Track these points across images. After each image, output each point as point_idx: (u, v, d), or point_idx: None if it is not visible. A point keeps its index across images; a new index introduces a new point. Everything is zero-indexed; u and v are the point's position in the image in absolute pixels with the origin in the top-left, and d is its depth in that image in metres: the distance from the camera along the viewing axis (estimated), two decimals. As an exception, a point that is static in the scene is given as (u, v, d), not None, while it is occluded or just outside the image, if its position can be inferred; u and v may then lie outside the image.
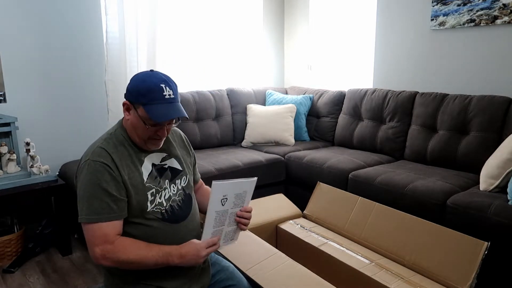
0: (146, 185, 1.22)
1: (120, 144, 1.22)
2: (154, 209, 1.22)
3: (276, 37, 4.00)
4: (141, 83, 1.18)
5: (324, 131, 3.32)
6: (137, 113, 1.18)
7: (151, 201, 1.22)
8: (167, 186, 1.28)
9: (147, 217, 1.21)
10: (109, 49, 2.79)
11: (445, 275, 1.53)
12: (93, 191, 1.13)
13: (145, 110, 1.16)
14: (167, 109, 1.18)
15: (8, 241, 2.37)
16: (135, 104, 1.19)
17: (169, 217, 1.25)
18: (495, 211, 1.79)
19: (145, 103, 1.16)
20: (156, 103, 1.17)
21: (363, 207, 1.96)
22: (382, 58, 3.17)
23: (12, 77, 2.54)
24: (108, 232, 1.13)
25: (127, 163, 1.20)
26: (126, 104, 1.21)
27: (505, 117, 2.33)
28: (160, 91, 1.17)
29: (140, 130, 1.20)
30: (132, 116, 1.20)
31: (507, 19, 2.42)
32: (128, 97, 1.21)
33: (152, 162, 1.27)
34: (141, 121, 1.18)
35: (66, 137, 2.79)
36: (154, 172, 1.25)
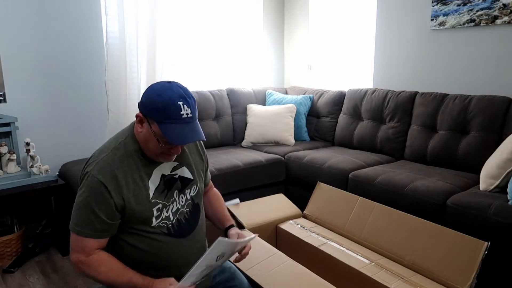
0: (152, 201, 1.18)
1: (129, 156, 1.16)
2: (160, 224, 1.19)
3: (276, 37, 4.00)
4: (157, 98, 1.08)
5: (324, 131, 3.32)
6: (150, 128, 1.11)
7: (157, 216, 1.19)
8: (176, 198, 1.24)
9: (152, 231, 1.19)
10: (109, 49, 2.79)
11: (445, 275, 1.53)
12: (83, 206, 1.12)
13: (160, 128, 1.08)
14: (184, 131, 1.09)
15: (8, 241, 2.37)
16: (149, 118, 1.11)
17: (175, 231, 1.23)
18: (495, 211, 1.79)
19: (160, 121, 1.08)
20: (173, 122, 1.08)
21: (363, 207, 1.96)
22: (382, 58, 3.17)
23: (12, 77, 2.54)
24: (86, 245, 1.13)
25: (133, 178, 1.16)
26: (139, 116, 1.13)
27: (505, 117, 2.33)
28: (177, 109, 1.08)
29: (152, 145, 1.13)
30: (145, 130, 1.13)
31: (507, 19, 2.42)
32: (142, 109, 1.12)
33: (161, 173, 1.22)
34: (154, 138, 1.11)
35: (66, 137, 2.78)
36: (161, 186, 1.21)
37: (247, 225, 1.92)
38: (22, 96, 2.59)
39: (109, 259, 1.16)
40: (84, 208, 1.12)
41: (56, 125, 2.74)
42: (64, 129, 2.77)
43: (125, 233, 1.19)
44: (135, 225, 1.17)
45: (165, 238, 1.20)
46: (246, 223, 1.93)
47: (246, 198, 2.18)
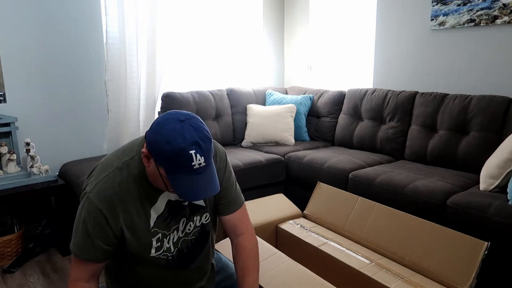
0: (151, 231, 1.08)
1: (132, 180, 1.03)
2: (160, 256, 1.12)
3: (276, 37, 4.00)
4: (166, 146, 0.90)
5: (324, 131, 3.32)
6: (158, 171, 0.95)
7: (156, 248, 1.10)
8: (179, 225, 1.13)
9: (148, 261, 1.12)
10: (109, 49, 2.79)
11: (445, 275, 1.53)
12: (78, 227, 1.05)
13: (168, 177, 0.93)
14: (196, 185, 0.94)
15: (8, 241, 2.37)
16: (156, 160, 0.94)
17: (175, 263, 1.15)
18: (495, 211, 1.79)
19: (169, 170, 0.92)
20: (183, 174, 0.92)
21: (363, 207, 1.96)
22: (382, 58, 3.17)
23: (12, 77, 2.54)
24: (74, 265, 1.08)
25: (134, 205, 1.05)
26: (145, 153, 0.96)
27: (505, 117, 2.33)
28: (189, 160, 0.91)
29: (160, 185, 1.00)
30: (152, 169, 0.97)
31: (507, 19, 2.42)
32: (148, 148, 0.95)
33: (168, 199, 1.09)
34: (162, 181, 0.97)
35: (66, 137, 2.79)
36: (165, 213, 1.09)
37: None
38: (22, 96, 2.59)
39: None
40: (81, 232, 1.05)
41: (56, 125, 2.74)
42: (64, 129, 2.77)
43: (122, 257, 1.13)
44: (133, 253, 1.10)
45: (161, 271, 1.14)
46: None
47: (246, 198, 2.17)
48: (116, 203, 1.03)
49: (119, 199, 1.03)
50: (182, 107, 3.04)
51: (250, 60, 3.76)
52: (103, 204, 1.01)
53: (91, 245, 1.04)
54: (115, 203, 1.02)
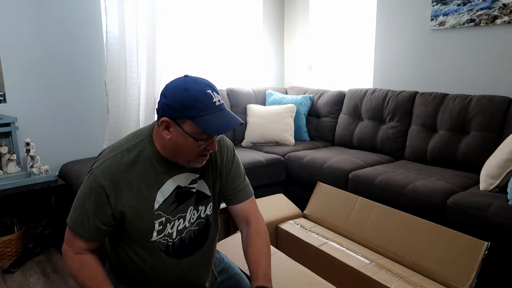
0: (155, 213, 1.07)
1: (141, 161, 1.05)
2: (160, 240, 1.10)
3: (276, 37, 4.00)
4: (184, 94, 0.96)
5: (324, 131, 3.32)
6: (182, 129, 0.99)
7: (158, 231, 1.09)
8: (186, 214, 1.12)
9: (148, 246, 1.10)
10: (109, 49, 2.79)
11: (445, 275, 1.53)
12: (80, 203, 1.06)
13: (195, 124, 0.97)
14: (221, 118, 0.98)
15: (8, 241, 2.37)
16: (179, 119, 0.98)
17: (174, 251, 1.13)
18: (495, 211, 1.79)
19: (193, 116, 0.96)
20: (207, 113, 0.97)
21: (363, 207, 1.96)
22: (382, 58, 3.17)
23: (12, 77, 2.54)
24: (76, 242, 1.09)
25: (139, 185, 1.05)
26: (165, 121, 0.99)
27: (505, 117, 2.33)
28: (209, 98, 0.98)
29: (188, 149, 1.01)
30: (175, 135, 1.00)
31: (507, 19, 2.42)
32: (168, 113, 0.99)
33: (176, 185, 1.09)
34: (189, 138, 0.99)
35: (66, 137, 2.79)
36: (171, 198, 1.09)
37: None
38: (22, 96, 2.59)
39: (94, 266, 1.09)
40: (79, 207, 1.06)
41: (56, 125, 2.74)
42: (64, 129, 2.77)
43: (122, 241, 1.12)
44: (131, 238, 1.10)
45: (159, 255, 1.11)
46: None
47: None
48: (120, 182, 1.03)
49: (124, 178, 1.03)
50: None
51: (250, 60, 3.76)
52: (107, 181, 1.02)
53: (86, 221, 1.05)
54: (119, 182, 1.03)
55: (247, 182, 1.27)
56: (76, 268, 1.09)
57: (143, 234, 1.08)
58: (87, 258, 1.10)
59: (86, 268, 1.09)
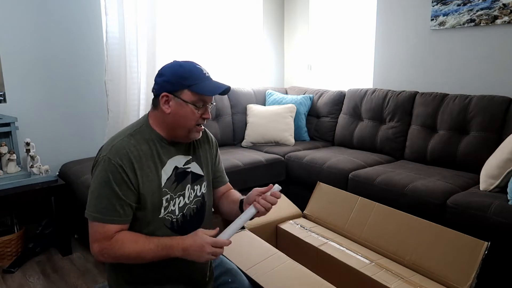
0: (162, 190, 1.17)
1: (144, 142, 1.16)
2: (165, 216, 1.18)
3: (276, 37, 4.00)
4: (180, 69, 1.16)
5: (324, 131, 3.31)
6: (181, 99, 1.14)
7: (165, 207, 1.18)
8: (185, 192, 1.23)
9: (158, 223, 1.17)
10: (109, 49, 2.79)
11: (445, 275, 1.53)
12: (103, 190, 1.10)
13: (192, 91, 1.14)
14: (213, 84, 1.17)
15: (8, 241, 2.37)
16: (177, 91, 1.14)
17: (178, 227, 1.21)
18: (495, 211, 1.79)
19: (190, 84, 1.14)
20: (201, 81, 1.15)
21: (363, 207, 1.96)
22: (382, 58, 3.17)
23: (12, 77, 2.54)
24: (109, 230, 1.10)
25: (148, 164, 1.15)
26: (165, 96, 1.15)
27: (505, 117, 2.33)
28: (200, 70, 1.18)
29: (187, 118, 1.16)
30: (174, 107, 1.15)
31: (507, 19, 2.42)
32: (167, 87, 1.15)
33: (175, 165, 1.21)
34: (188, 106, 1.15)
35: (66, 137, 2.78)
36: (173, 177, 1.20)
37: (247, 225, 1.93)
38: (22, 96, 2.59)
39: (130, 233, 1.13)
40: (104, 192, 1.10)
41: (56, 125, 2.74)
42: (64, 129, 2.77)
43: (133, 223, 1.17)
44: (146, 217, 1.16)
45: (166, 232, 1.18)
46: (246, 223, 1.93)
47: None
48: (132, 160, 1.12)
49: (134, 157, 1.13)
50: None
51: (250, 60, 3.76)
52: (123, 160, 1.11)
53: (118, 204, 1.10)
54: (131, 160, 1.12)
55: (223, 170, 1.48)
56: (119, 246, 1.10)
57: (154, 210, 1.16)
58: (121, 233, 1.12)
59: (127, 239, 1.11)
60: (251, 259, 1.57)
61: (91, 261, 2.37)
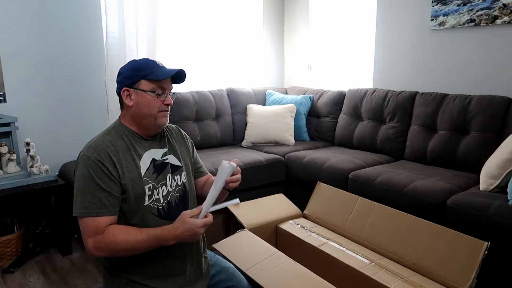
0: (143, 179, 1.22)
1: (119, 138, 1.23)
2: (151, 205, 1.23)
3: (276, 37, 4.00)
4: (134, 63, 1.25)
5: (324, 131, 3.32)
6: (140, 90, 1.22)
7: (149, 196, 1.22)
8: (166, 181, 1.28)
9: (144, 212, 1.21)
10: (109, 49, 2.79)
11: (445, 275, 1.53)
12: (86, 185, 1.14)
13: (148, 79, 1.22)
14: (167, 70, 1.25)
15: (8, 241, 2.37)
16: (135, 84, 1.22)
17: (165, 214, 1.25)
18: (495, 211, 1.79)
19: (145, 74, 1.22)
20: (155, 69, 1.23)
21: (363, 207, 1.96)
22: (382, 58, 3.17)
23: (12, 77, 2.54)
24: (99, 223, 1.13)
25: (125, 156, 1.21)
26: (125, 90, 1.23)
27: (505, 117, 2.33)
28: (154, 62, 1.27)
29: (149, 106, 1.22)
30: (136, 98, 1.23)
31: (507, 19, 2.42)
32: (126, 82, 1.23)
33: (152, 157, 1.27)
34: (148, 95, 1.22)
35: (66, 137, 2.79)
36: (151, 168, 1.26)
37: (247, 225, 1.93)
38: (22, 96, 2.59)
39: (121, 226, 1.17)
40: (88, 187, 1.14)
41: (56, 125, 2.74)
42: (64, 129, 2.77)
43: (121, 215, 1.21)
44: (130, 207, 1.20)
45: (154, 219, 1.22)
46: (246, 223, 1.93)
47: (246, 198, 2.18)
48: (110, 154, 1.18)
49: (111, 151, 1.19)
50: (182, 107, 3.03)
51: (250, 60, 3.76)
52: (101, 155, 1.17)
53: (102, 196, 1.14)
54: (109, 154, 1.18)
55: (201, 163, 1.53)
56: (112, 240, 1.12)
57: (138, 199, 1.20)
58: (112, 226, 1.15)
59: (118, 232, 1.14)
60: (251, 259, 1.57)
61: (91, 261, 2.37)
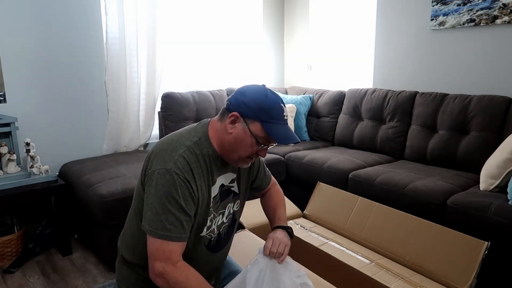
0: (209, 209, 1.14)
1: (202, 158, 1.11)
2: (206, 235, 1.15)
3: (276, 37, 4.00)
4: (265, 98, 1.08)
5: (324, 131, 3.31)
6: (248, 128, 1.08)
7: (207, 227, 1.15)
8: (225, 211, 1.21)
9: (197, 242, 1.14)
10: (109, 49, 2.79)
11: (445, 275, 1.53)
12: (170, 205, 1.03)
13: (263, 127, 1.07)
14: (287, 131, 1.10)
15: (8, 241, 2.37)
16: (249, 119, 1.08)
17: (214, 246, 1.20)
18: (495, 211, 1.79)
19: (265, 120, 1.07)
20: (277, 123, 1.09)
21: (363, 207, 1.96)
22: (382, 58, 3.17)
23: (12, 77, 2.54)
24: (174, 250, 1.03)
25: (203, 181, 1.11)
26: (234, 116, 1.09)
27: (505, 117, 2.33)
28: (282, 111, 1.10)
29: (244, 147, 1.10)
30: (238, 131, 1.09)
31: (507, 19, 2.42)
32: (242, 109, 1.08)
33: (221, 183, 1.18)
34: (251, 138, 1.08)
35: (66, 137, 2.78)
36: (218, 196, 1.17)
37: (247, 225, 1.92)
38: (22, 96, 2.59)
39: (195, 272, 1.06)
40: (169, 204, 1.02)
41: (56, 125, 2.74)
42: (64, 129, 2.77)
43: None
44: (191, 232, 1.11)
45: (202, 250, 1.16)
46: (246, 223, 1.93)
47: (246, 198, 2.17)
48: (195, 177, 1.07)
49: (197, 174, 1.08)
50: (182, 107, 3.03)
51: (250, 60, 3.76)
52: (189, 175, 1.05)
53: (183, 220, 1.04)
54: (194, 176, 1.07)
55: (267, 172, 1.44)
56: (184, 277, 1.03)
57: (198, 228, 1.12)
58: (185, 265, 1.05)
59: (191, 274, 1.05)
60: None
61: (91, 261, 2.36)
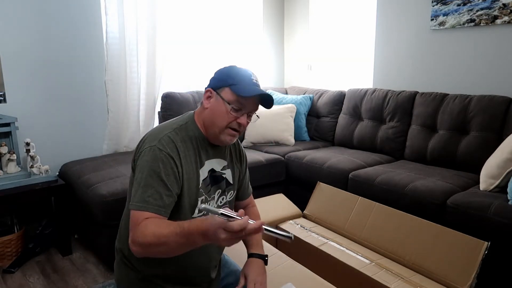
0: (199, 190, 1.16)
1: (189, 139, 1.16)
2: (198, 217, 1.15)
3: (276, 37, 4.00)
4: (231, 69, 1.19)
5: (324, 131, 3.31)
6: (220, 97, 1.15)
7: (200, 209, 1.16)
8: (215, 196, 1.23)
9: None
10: (109, 49, 2.79)
11: (445, 275, 1.53)
12: (151, 178, 1.06)
13: (231, 89, 1.13)
14: (254, 88, 1.15)
15: (8, 241, 2.37)
16: (219, 88, 1.16)
17: None
18: (495, 211, 1.79)
19: (232, 83, 1.14)
20: (244, 84, 1.14)
21: (363, 207, 1.96)
22: (382, 58, 3.17)
23: (12, 77, 2.54)
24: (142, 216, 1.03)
25: (190, 161, 1.14)
26: (208, 91, 1.18)
27: (505, 117, 2.33)
28: (249, 75, 1.17)
29: (221, 115, 1.14)
30: (213, 103, 1.16)
31: (507, 19, 2.42)
32: (213, 83, 1.19)
33: (211, 168, 1.21)
34: (223, 105, 1.14)
35: (66, 137, 2.78)
36: (208, 179, 1.19)
37: (247, 225, 1.92)
38: (22, 96, 2.59)
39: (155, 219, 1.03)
40: (152, 181, 1.05)
41: (56, 125, 2.74)
42: (64, 129, 2.77)
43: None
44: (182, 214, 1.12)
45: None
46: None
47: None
48: (180, 154, 1.11)
49: (182, 152, 1.12)
50: (182, 107, 3.03)
51: (250, 60, 3.76)
52: (173, 152, 1.10)
53: (164, 193, 1.06)
54: (179, 153, 1.11)
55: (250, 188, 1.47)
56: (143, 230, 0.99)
57: (189, 209, 1.14)
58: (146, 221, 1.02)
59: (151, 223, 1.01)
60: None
61: (91, 261, 2.37)
